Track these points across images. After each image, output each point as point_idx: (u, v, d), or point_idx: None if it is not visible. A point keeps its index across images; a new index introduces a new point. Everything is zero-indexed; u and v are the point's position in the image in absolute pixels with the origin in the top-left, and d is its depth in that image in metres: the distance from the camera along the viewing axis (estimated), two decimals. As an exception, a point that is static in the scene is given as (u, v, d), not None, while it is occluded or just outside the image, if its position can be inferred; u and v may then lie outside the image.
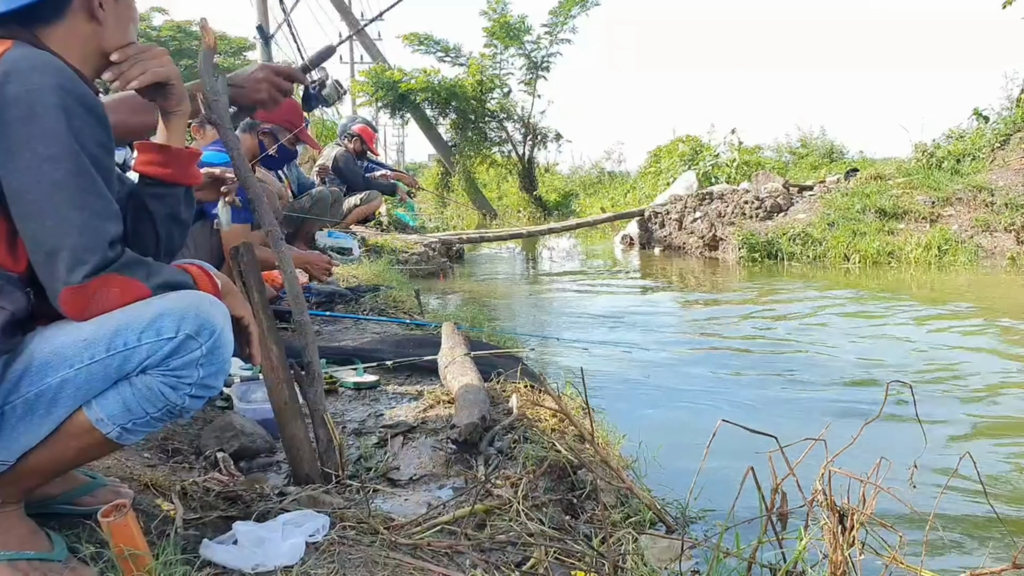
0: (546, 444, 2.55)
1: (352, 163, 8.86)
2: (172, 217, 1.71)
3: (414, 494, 2.31)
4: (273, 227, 2.28)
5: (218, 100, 2.12)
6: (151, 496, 2.00)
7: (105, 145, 1.50)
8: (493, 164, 22.01)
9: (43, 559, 1.54)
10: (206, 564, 1.66)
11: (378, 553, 1.81)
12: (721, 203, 11.78)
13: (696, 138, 18.66)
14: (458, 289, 8.15)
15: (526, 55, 20.18)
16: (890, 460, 1.64)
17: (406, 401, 3.21)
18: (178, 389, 1.51)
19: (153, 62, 1.63)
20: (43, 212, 1.41)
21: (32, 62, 1.43)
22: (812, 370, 4.83)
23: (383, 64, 20.49)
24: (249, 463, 2.50)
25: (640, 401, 4.19)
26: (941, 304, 7.14)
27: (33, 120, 1.41)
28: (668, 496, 2.61)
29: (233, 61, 32.92)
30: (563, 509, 2.25)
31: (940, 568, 2.26)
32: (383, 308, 5.14)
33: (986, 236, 10.04)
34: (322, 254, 4.89)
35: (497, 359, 3.66)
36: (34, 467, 1.51)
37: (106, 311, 1.47)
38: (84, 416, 1.48)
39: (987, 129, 12.97)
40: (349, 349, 3.76)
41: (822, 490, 1.63)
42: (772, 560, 1.86)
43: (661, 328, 6.32)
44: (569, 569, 1.82)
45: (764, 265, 10.17)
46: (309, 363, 2.25)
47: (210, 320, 1.52)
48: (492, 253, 12.76)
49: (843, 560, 1.58)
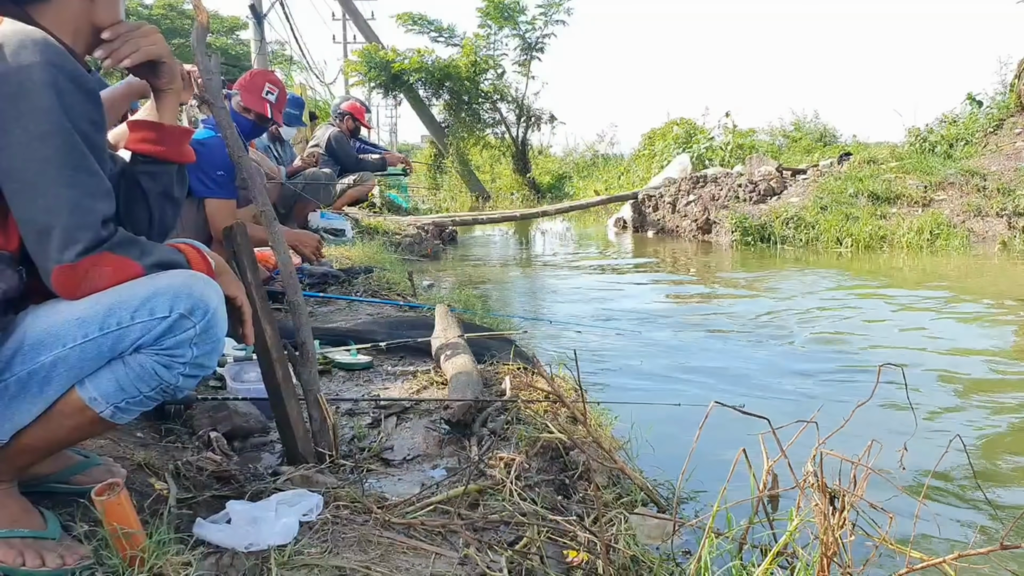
0: (539, 425, 2.56)
1: (346, 144, 8.81)
2: (165, 195, 1.70)
3: (407, 474, 2.32)
4: (266, 207, 2.27)
5: (211, 79, 2.10)
6: (144, 475, 2.00)
7: (96, 122, 1.49)
8: (486, 146, 21.92)
9: (36, 537, 1.55)
10: (199, 543, 1.66)
11: (371, 532, 1.82)
12: (715, 186, 11.77)
13: (690, 121, 18.59)
14: (451, 271, 8.14)
15: (520, 36, 20.06)
16: (881, 443, 1.65)
17: (400, 382, 3.21)
18: (171, 368, 1.51)
19: (145, 40, 1.61)
20: (34, 190, 1.40)
21: (22, 39, 1.42)
22: (804, 353, 4.86)
23: (376, 44, 20.35)
24: (243, 443, 2.51)
25: (632, 383, 4.20)
26: (932, 288, 7.17)
27: (23, 97, 1.39)
28: (660, 477, 2.63)
29: (226, 40, 32.68)
30: (555, 489, 2.27)
31: (929, 549, 2.28)
32: (376, 290, 5.14)
33: (978, 221, 10.07)
34: (313, 233, 4.88)
35: (490, 341, 3.67)
36: (27, 445, 1.51)
37: (99, 290, 1.46)
38: (77, 395, 1.48)
39: (980, 114, 12.98)
40: (343, 330, 3.76)
41: (813, 472, 1.64)
42: (763, 541, 1.88)
43: (653, 310, 6.33)
44: (561, 548, 1.83)
45: (757, 249, 10.18)
46: (303, 343, 2.25)
47: (204, 299, 1.51)
48: (485, 235, 12.75)
49: (833, 541, 1.59)
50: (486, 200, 19.71)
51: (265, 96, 4.26)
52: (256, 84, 4.29)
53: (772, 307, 6.37)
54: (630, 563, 1.83)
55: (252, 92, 4.26)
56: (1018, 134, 11.77)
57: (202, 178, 3.78)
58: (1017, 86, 12.36)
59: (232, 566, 1.60)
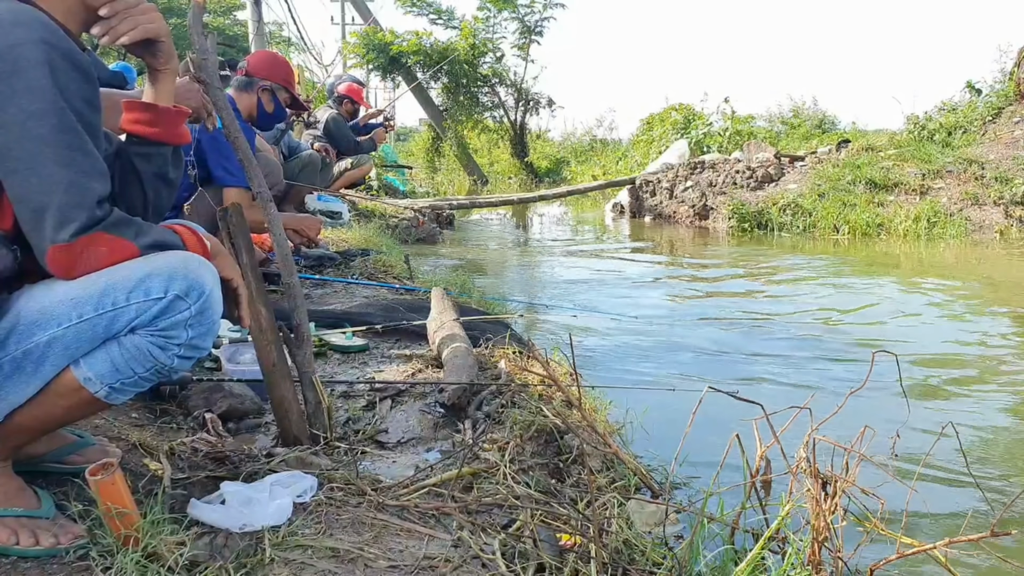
0: (533, 409, 2.57)
1: (343, 126, 8.77)
2: (160, 176, 1.69)
3: (402, 457, 2.32)
4: (263, 190, 2.27)
5: (207, 59, 2.09)
6: (139, 455, 2.01)
7: (91, 101, 1.48)
8: (485, 130, 21.87)
9: (30, 516, 1.55)
10: (194, 523, 1.67)
11: (365, 514, 1.82)
12: (712, 172, 11.76)
13: (689, 106, 18.55)
14: (448, 255, 8.13)
15: (519, 19, 19.98)
16: (874, 429, 1.66)
17: (395, 365, 3.21)
18: (166, 349, 1.51)
19: (143, 18, 1.59)
20: (29, 169, 1.40)
21: (16, 16, 1.41)
22: (799, 339, 4.87)
23: (375, 26, 20.24)
24: (237, 424, 2.51)
25: (627, 368, 4.21)
26: (928, 276, 7.18)
27: (17, 75, 1.38)
28: (654, 462, 2.64)
29: (223, 21, 32.44)
30: (549, 473, 2.27)
31: (920, 535, 2.30)
32: (372, 272, 5.13)
33: (975, 209, 10.07)
34: (312, 216, 4.87)
35: (486, 324, 3.68)
36: (21, 425, 1.51)
37: (94, 270, 1.46)
38: (72, 375, 1.48)
39: (979, 102, 12.95)
40: (338, 312, 3.76)
41: (806, 457, 1.65)
42: (755, 526, 1.89)
43: (649, 296, 6.34)
44: (555, 532, 1.84)
45: (753, 235, 10.18)
46: (298, 325, 2.25)
47: (199, 281, 1.51)
48: (482, 219, 12.73)
49: (825, 526, 1.60)
50: (484, 184, 19.68)
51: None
52: (287, 70, 4.40)
53: (768, 294, 6.38)
54: (623, 547, 1.84)
55: (287, 78, 4.36)
56: (1017, 123, 11.75)
57: (226, 166, 3.70)
58: (1016, 74, 12.33)
59: (226, 546, 1.61)
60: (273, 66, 4.31)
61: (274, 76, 4.25)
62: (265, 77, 4.21)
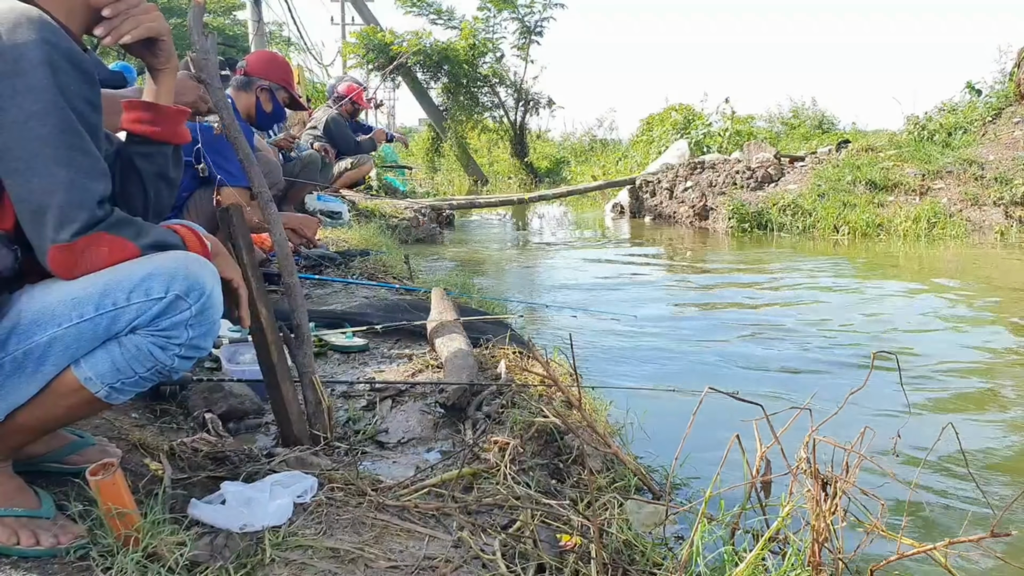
0: (533, 409, 2.57)
1: (343, 127, 8.77)
2: (160, 176, 1.69)
3: (402, 457, 2.32)
4: (263, 189, 2.26)
5: (207, 59, 2.09)
6: (139, 455, 2.01)
7: (92, 102, 1.48)
8: (484, 130, 21.88)
9: (31, 516, 1.55)
10: (194, 523, 1.67)
11: (365, 514, 1.82)
12: (712, 173, 11.76)
13: (689, 107, 18.55)
14: (447, 255, 8.13)
15: (519, 19, 19.98)
16: (874, 430, 1.66)
17: (395, 365, 3.21)
18: (167, 349, 1.51)
19: (145, 17, 1.59)
20: (29, 169, 1.40)
21: (17, 16, 1.41)
22: (799, 340, 4.86)
23: (374, 26, 20.24)
24: (237, 424, 2.51)
25: (627, 368, 4.21)
26: (929, 277, 7.19)
27: (18, 75, 1.38)
28: (653, 462, 2.64)
29: (223, 20, 32.44)
30: (549, 473, 2.27)
31: (920, 536, 2.30)
32: (372, 272, 5.13)
33: (975, 210, 10.07)
34: (311, 216, 4.87)
35: (486, 325, 3.67)
36: (22, 425, 1.51)
37: (95, 270, 1.46)
38: (72, 375, 1.48)
39: (979, 103, 12.95)
40: (338, 313, 3.76)
41: (806, 458, 1.65)
42: (755, 526, 1.89)
43: (649, 296, 6.34)
44: (555, 532, 1.84)
45: (753, 235, 10.18)
46: (298, 325, 2.25)
47: (200, 281, 1.51)
48: (482, 219, 12.72)
49: (825, 527, 1.60)
50: (484, 184, 19.68)
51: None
52: (286, 70, 4.43)
53: (768, 294, 6.38)
54: (623, 547, 1.84)
55: (286, 78, 4.38)
56: (1016, 123, 11.75)
57: (229, 168, 3.67)
58: (1016, 75, 12.32)
59: (226, 546, 1.60)
60: (272, 66, 4.31)
61: (273, 76, 4.24)
62: (264, 77, 4.20)
